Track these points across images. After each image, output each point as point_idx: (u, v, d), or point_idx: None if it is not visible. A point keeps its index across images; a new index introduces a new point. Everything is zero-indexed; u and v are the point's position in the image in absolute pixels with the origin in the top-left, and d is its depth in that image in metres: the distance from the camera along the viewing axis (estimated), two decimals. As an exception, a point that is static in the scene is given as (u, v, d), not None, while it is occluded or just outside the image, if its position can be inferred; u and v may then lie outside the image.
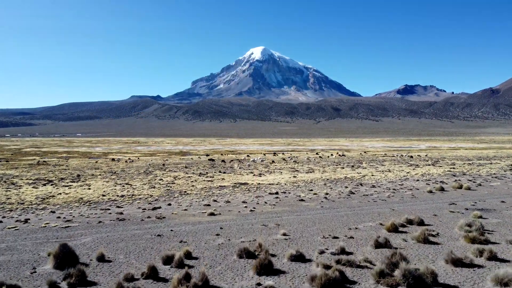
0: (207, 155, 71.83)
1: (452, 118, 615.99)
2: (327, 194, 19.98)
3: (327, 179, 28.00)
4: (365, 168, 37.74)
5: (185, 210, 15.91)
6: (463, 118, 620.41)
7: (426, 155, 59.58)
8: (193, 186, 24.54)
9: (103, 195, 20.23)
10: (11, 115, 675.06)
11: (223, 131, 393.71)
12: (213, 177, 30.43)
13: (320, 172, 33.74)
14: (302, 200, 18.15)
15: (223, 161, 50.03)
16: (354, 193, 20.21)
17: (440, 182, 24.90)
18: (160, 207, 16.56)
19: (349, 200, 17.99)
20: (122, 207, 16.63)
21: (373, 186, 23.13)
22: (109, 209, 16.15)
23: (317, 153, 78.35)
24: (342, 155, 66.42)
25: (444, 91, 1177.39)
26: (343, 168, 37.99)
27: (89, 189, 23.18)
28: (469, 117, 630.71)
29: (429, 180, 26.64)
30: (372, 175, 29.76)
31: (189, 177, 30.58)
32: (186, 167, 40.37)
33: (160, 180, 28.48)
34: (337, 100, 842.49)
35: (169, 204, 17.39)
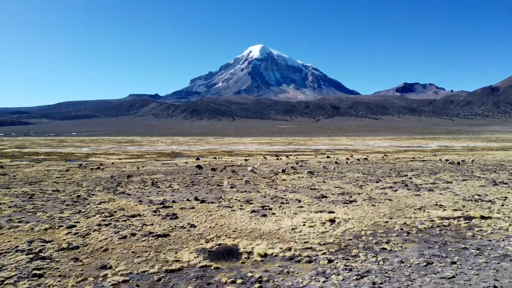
0: (198, 159, 58.36)
1: (453, 116, 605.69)
2: None
3: (403, 230, 14.19)
4: (431, 190, 24.44)
5: None
6: (464, 116, 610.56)
7: (472, 161, 46.00)
8: (101, 272, 10.39)
9: None
10: (8, 114, 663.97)
11: (221, 129, 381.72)
12: (176, 217, 16.77)
13: (366, 203, 20.25)
14: None
15: (213, 169, 39.30)
16: None
17: None
18: None
19: None
20: None
21: None
22: None
23: (328, 156, 64.28)
24: (365, 159, 52.67)
25: (443, 89, 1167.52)
26: (394, 189, 24.94)
27: None
28: (470, 115, 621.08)
29: None
30: (483, 218, 15.81)
31: (133, 216, 16.95)
32: (153, 184, 28.36)
33: (68, 229, 14.55)
34: (336, 99, 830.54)
35: None
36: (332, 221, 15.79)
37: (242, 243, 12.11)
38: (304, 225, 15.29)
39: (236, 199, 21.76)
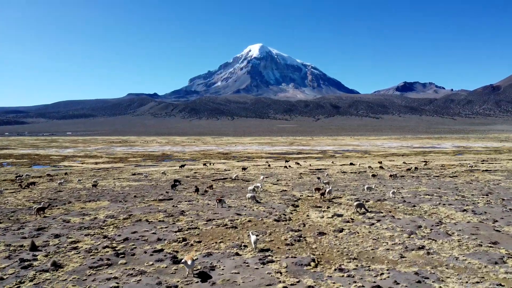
0: (183, 166, 49.00)
1: (454, 115, 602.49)
2: None
3: None
4: None
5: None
6: (465, 115, 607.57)
7: None
8: None
9: None
10: (4, 114, 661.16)
11: (220, 129, 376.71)
12: None
13: None
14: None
15: (196, 190, 26.61)
16: None
17: None
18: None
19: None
20: None
21: None
22: None
23: (351, 163, 51.22)
24: (415, 168, 41.10)
25: (443, 88, 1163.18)
26: None
27: None
28: (471, 114, 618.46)
29: None
30: None
31: None
32: (32, 248, 13.96)
33: None
34: (336, 98, 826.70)
35: None
36: None
37: None
38: None
39: None
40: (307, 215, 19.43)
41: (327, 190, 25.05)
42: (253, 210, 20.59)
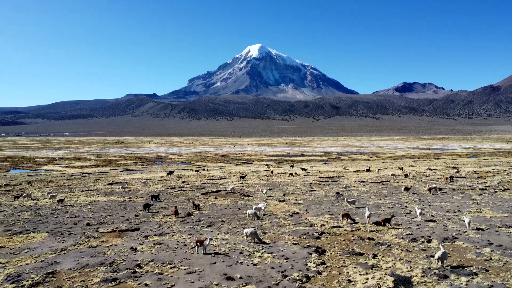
0: (170, 173, 41.98)
1: (454, 116, 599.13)
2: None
3: None
4: None
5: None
6: (465, 115, 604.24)
7: None
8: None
9: None
10: (3, 114, 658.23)
11: (219, 129, 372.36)
12: None
13: None
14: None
15: (175, 213, 19.85)
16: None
17: None
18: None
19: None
20: None
21: None
22: None
23: (368, 169, 43.03)
24: (450, 177, 32.81)
25: (443, 88, 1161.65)
26: None
27: None
28: (471, 114, 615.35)
29: None
30: None
31: None
32: None
33: None
34: (335, 98, 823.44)
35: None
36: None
37: None
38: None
39: None
40: (348, 280, 11.04)
41: (381, 216, 17.73)
42: (254, 264, 12.51)
